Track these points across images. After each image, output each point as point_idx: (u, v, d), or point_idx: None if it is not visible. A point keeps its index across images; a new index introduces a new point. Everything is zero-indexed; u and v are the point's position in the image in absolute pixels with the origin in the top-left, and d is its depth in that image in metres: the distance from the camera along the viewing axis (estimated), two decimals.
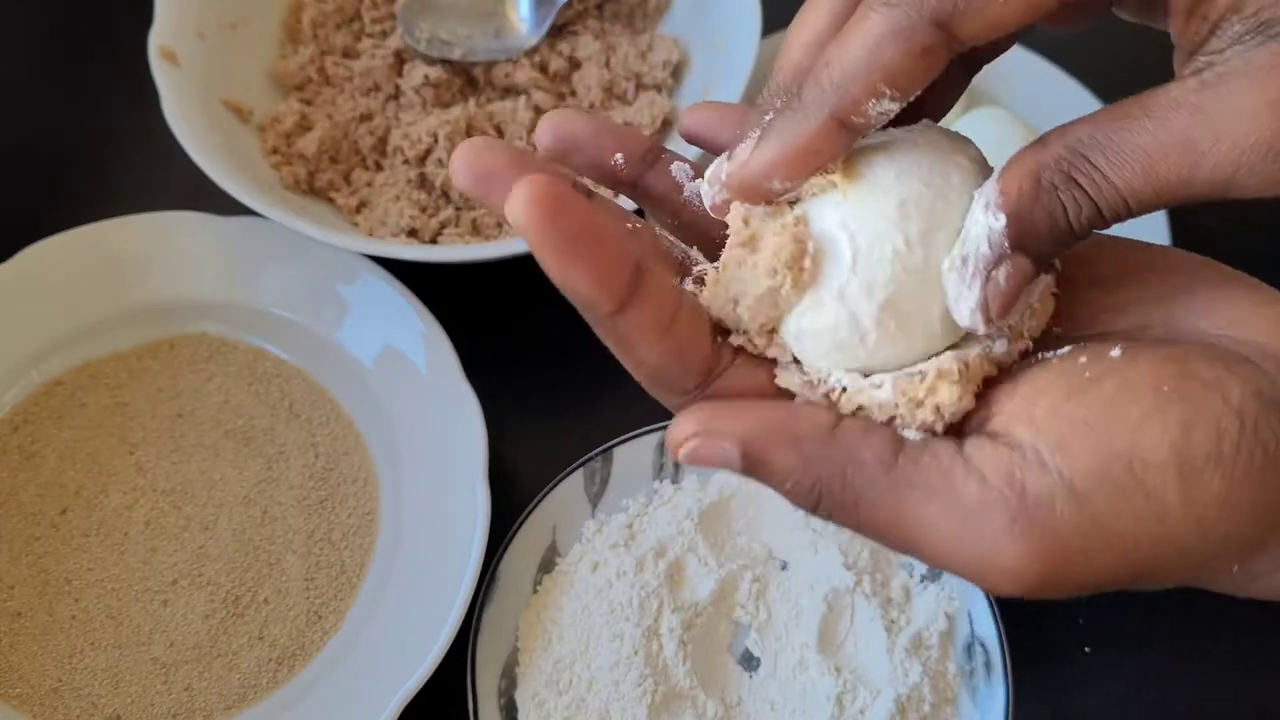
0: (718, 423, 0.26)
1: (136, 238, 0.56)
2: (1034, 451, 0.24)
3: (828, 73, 0.25)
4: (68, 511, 0.51)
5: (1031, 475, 0.24)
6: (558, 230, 0.24)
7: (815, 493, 0.25)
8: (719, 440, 0.26)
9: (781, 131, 0.26)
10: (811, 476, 0.25)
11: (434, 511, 0.50)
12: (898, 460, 0.25)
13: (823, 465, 0.25)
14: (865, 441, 0.25)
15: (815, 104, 0.26)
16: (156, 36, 0.56)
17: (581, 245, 0.24)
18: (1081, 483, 0.24)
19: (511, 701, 0.47)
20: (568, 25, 0.62)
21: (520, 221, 0.23)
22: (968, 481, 0.24)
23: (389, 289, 0.54)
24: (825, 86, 0.25)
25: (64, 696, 0.47)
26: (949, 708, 0.47)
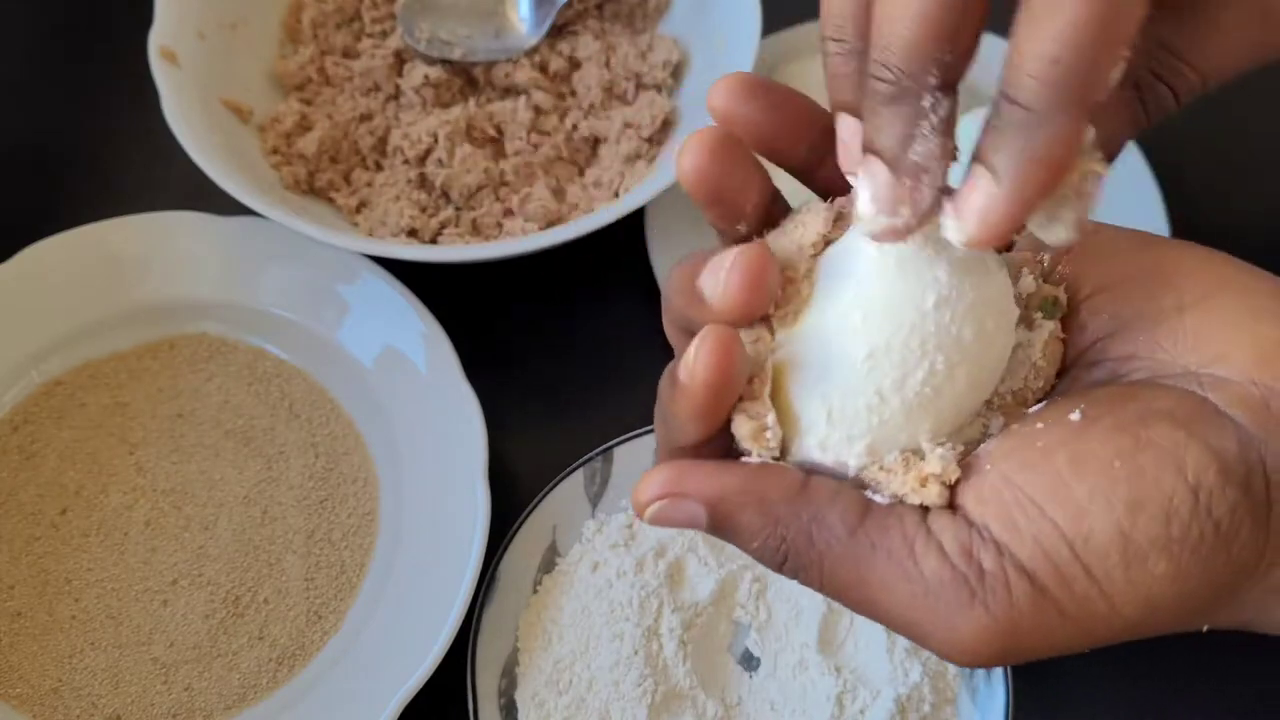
0: (684, 484, 0.26)
1: (136, 238, 0.56)
2: (986, 530, 0.24)
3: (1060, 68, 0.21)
4: (68, 511, 0.51)
5: (987, 555, 0.24)
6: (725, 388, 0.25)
7: (781, 552, 0.26)
8: (685, 502, 0.26)
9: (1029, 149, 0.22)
10: (778, 537, 0.26)
11: (434, 511, 0.50)
12: (863, 523, 0.25)
13: (789, 525, 0.25)
14: (832, 503, 0.26)
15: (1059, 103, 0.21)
16: (156, 36, 0.56)
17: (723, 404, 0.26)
18: (1029, 564, 0.24)
19: (511, 701, 0.47)
20: (568, 25, 0.62)
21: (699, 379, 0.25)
22: (928, 553, 0.25)
23: (389, 289, 0.54)
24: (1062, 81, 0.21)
25: (64, 696, 0.47)
26: (949, 708, 0.47)
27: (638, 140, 0.58)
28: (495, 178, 0.57)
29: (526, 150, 0.58)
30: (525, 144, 0.58)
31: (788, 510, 0.25)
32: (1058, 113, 0.21)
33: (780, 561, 0.26)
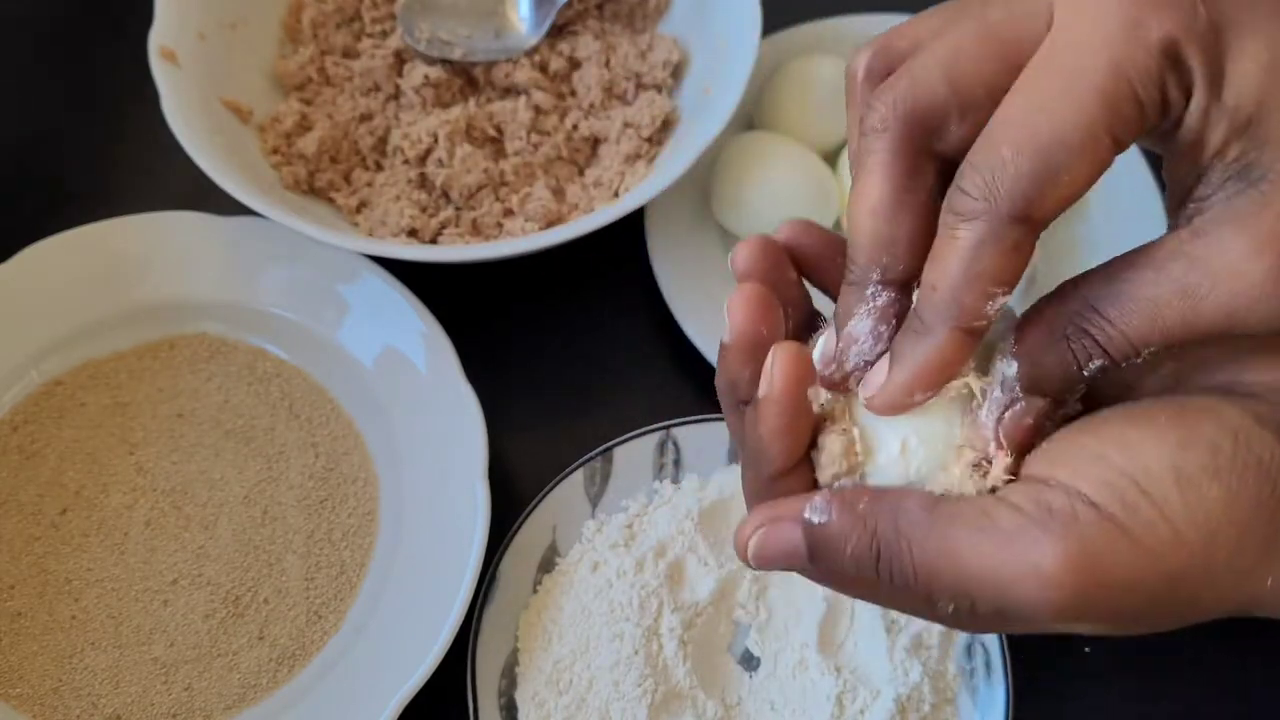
0: (777, 510, 0.30)
1: (136, 238, 0.56)
2: (1054, 480, 0.27)
3: (937, 294, 0.27)
4: (68, 511, 0.51)
5: (1056, 498, 0.27)
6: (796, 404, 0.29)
7: (875, 548, 0.28)
8: (781, 526, 0.29)
9: (913, 352, 0.28)
10: (869, 532, 0.28)
11: (434, 511, 0.50)
12: (938, 504, 0.28)
13: (874, 517, 0.28)
14: (906, 495, 0.28)
15: (937, 321, 0.27)
16: (156, 36, 0.56)
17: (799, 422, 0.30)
18: (1096, 496, 0.26)
19: (511, 701, 0.47)
20: (568, 25, 0.62)
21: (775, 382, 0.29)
22: (1001, 511, 0.27)
23: (389, 289, 0.54)
24: (939, 304, 0.27)
25: (64, 696, 0.47)
26: (949, 708, 0.47)
27: (638, 140, 0.58)
28: (495, 178, 0.57)
29: (526, 150, 0.58)
30: (525, 144, 0.58)
31: (870, 507, 0.28)
32: (937, 327, 0.27)
33: (875, 559, 0.28)
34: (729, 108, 0.54)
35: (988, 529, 0.27)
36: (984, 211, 0.26)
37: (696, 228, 0.59)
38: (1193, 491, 0.26)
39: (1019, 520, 0.26)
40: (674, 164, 0.54)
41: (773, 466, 0.30)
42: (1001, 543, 0.26)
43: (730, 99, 0.55)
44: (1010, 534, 0.26)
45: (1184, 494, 0.26)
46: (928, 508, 0.28)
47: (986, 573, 0.27)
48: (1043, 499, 0.27)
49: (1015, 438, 0.28)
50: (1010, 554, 0.26)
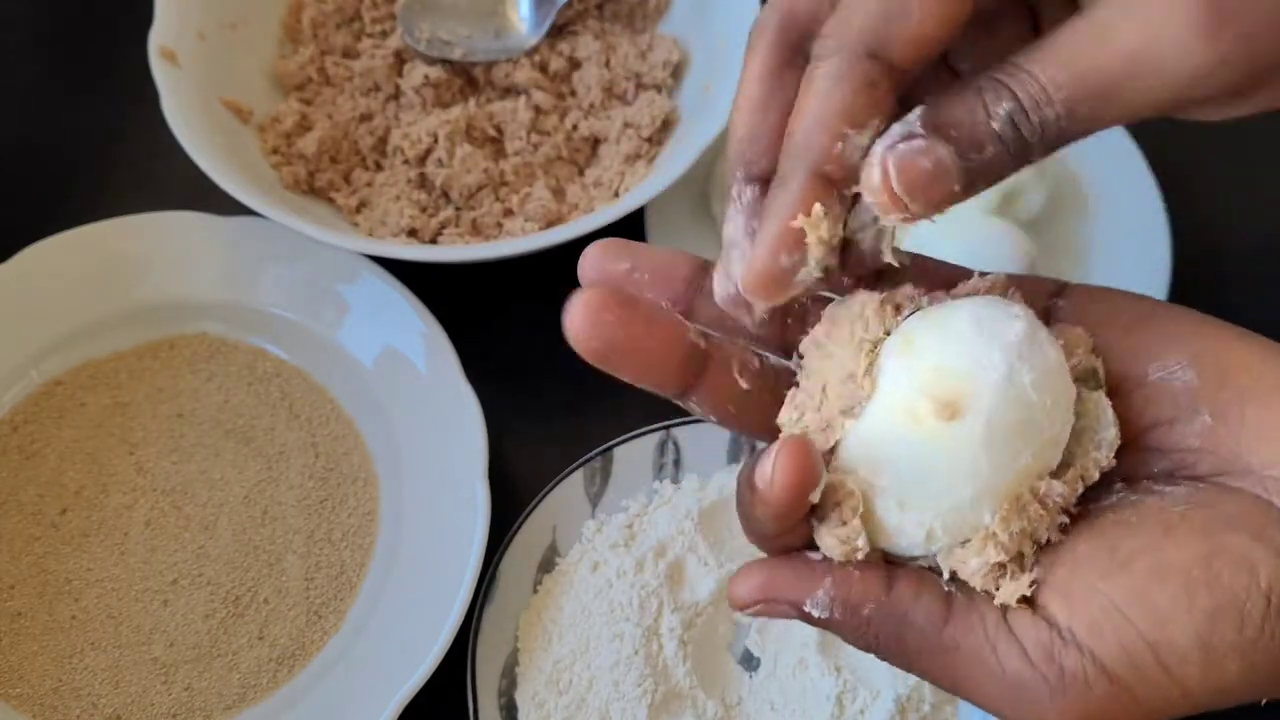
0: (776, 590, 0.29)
1: (136, 238, 0.56)
2: (1069, 633, 0.26)
3: (793, 139, 0.27)
4: (68, 511, 0.51)
5: (1069, 657, 0.26)
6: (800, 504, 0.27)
7: (873, 645, 0.28)
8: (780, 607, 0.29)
9: (771, 210, 0.27)
10: (871, 637, 0.28)
11: (434, 511, 0.50)
12: (947, 624, 0.27)
13: (879, 628, 0.28)
14: (917, 603, 0.27)
15: (792, 169, 0.27)
16: (156, 36, 0.56)
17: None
18: (1112, 665, 0.26)
19: (511, 701, 0.47)
20: (568, 25, 0.62)
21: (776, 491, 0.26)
22: (1009, 654, 0.26)
23: (389, 289, 0.54)
24: (793, 152, 0.27)
25: (64, 696, 0.47)
26: (949, 708, 0.47)
27: (638, 140, 0.58)
28: (495, 178, 0.57)
29: (526, 150, 0.58)
30: (525, 144, 0.58)
31: (876, 615, 0.28)
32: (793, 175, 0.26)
33: (870, 649, 0.28)
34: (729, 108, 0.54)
35: (995, 674, 0.26)
36: (836, 50, 0.26)
37: (696, 228, 0.59)
38: (1215, 669, 0.25)
39: (1027, 674, 0.26)
40: (674, 164, 0.54)
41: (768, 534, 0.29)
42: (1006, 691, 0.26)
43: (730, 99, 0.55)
44: (1017, 686, 0.26)
45: (1205, 671, 0.25)
46: (936, 628, 0.27)
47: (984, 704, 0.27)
48: (1055, 655, 0.26)
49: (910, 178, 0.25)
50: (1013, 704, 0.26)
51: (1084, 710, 0.26)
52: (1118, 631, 0.26)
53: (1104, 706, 0.26)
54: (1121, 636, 0.26)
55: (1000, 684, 0.26)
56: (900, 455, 0.27)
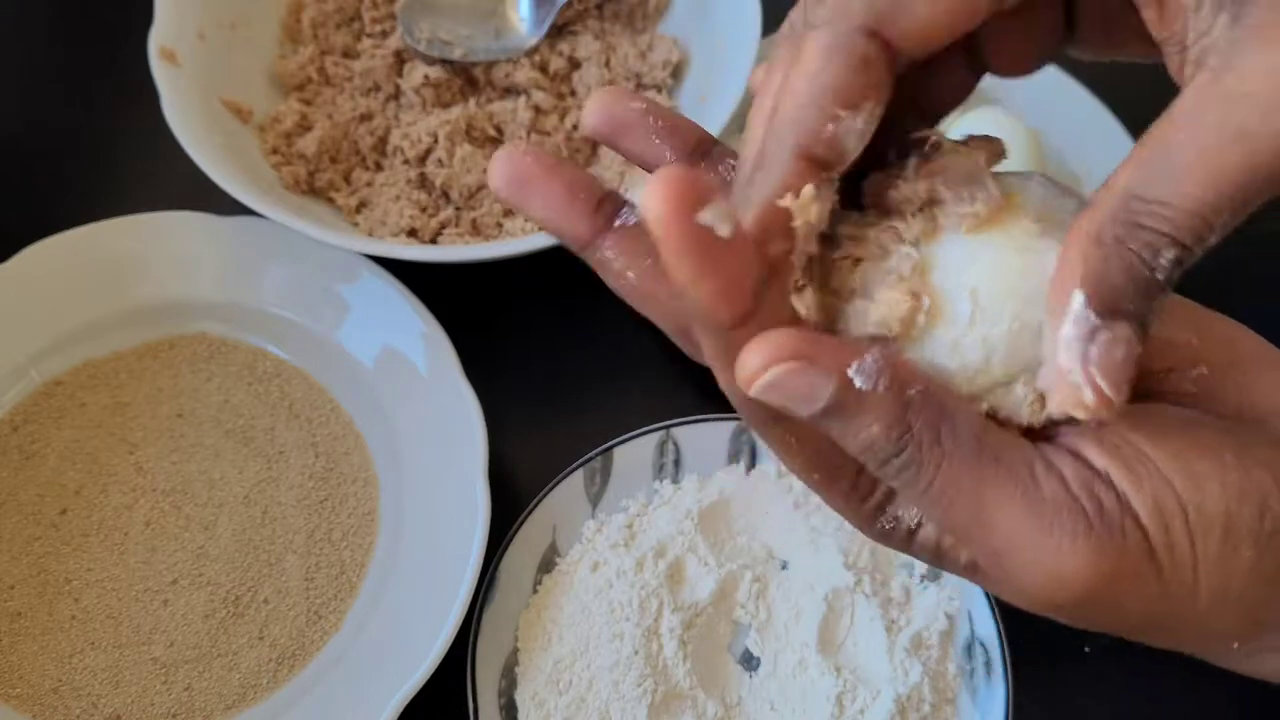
0: (814, 349, 0.24)
1: (136, 238, 0.56)
2: (1108, 477, 0.24)
3: (778, 116, 0.24)
4: (68, 511, 0.51)
5: (1108, 497, 0.24)
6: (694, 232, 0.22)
7: (901, 444, 0.24)
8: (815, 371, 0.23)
9: (755, 195, 0.24)
10: (905, 425, 0.24)
11: (434, 511, 0.50)
12: (988, 434, 0.24)
13: (920, 416, 0.24)
14: (960, 406, 0.25)
15: (776, 147, 0.24)
16: (156, 36, 0.56)
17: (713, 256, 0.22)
18: (1146, 517, 0.24)
19: (511, 701, 0.47)
20: (568, 25, 0.62)
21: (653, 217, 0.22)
22: (1049, 478, 0.24)
23: (389, 289, 0.54)
24: (778, 127, 0.24)
25: (64, 696, 0.47)
26: (949, 708, 0.47)
27: None
28: None
29: None
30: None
31: (921, 400, 0.24)
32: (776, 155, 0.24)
33: (893, 454, 0.24)
34: (728, 109, 0.54)
35: (1029, 495, 0.24)
36: (831, 19, 0.24)
37: None
38: (1231, 549, 0.24)
39: (1064, 500, 0.24)
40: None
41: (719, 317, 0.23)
42: (1037, 516, 0.24)
43: (729, 100, 0.55)
44: (1052, 511, 0.24)
45: (1223, 549, 0.24)
46: (978, 434, 0.24)
47: (1006, 532, 0.24)
48: (1095, 490, 0.24)
49: (1113, 375, 0.23)
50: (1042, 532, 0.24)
51: (1113, 556, 0.24)
52: (1153, 481, 0.24)
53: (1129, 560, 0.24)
54: (1156, 488, 0.24)
55: (1032, 506, 0.24)
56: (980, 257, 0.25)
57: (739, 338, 0.24)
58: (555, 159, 0.27)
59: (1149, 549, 0.24)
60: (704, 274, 0.22)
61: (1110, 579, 0.24)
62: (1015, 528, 0.24)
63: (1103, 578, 0.24)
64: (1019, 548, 0.24)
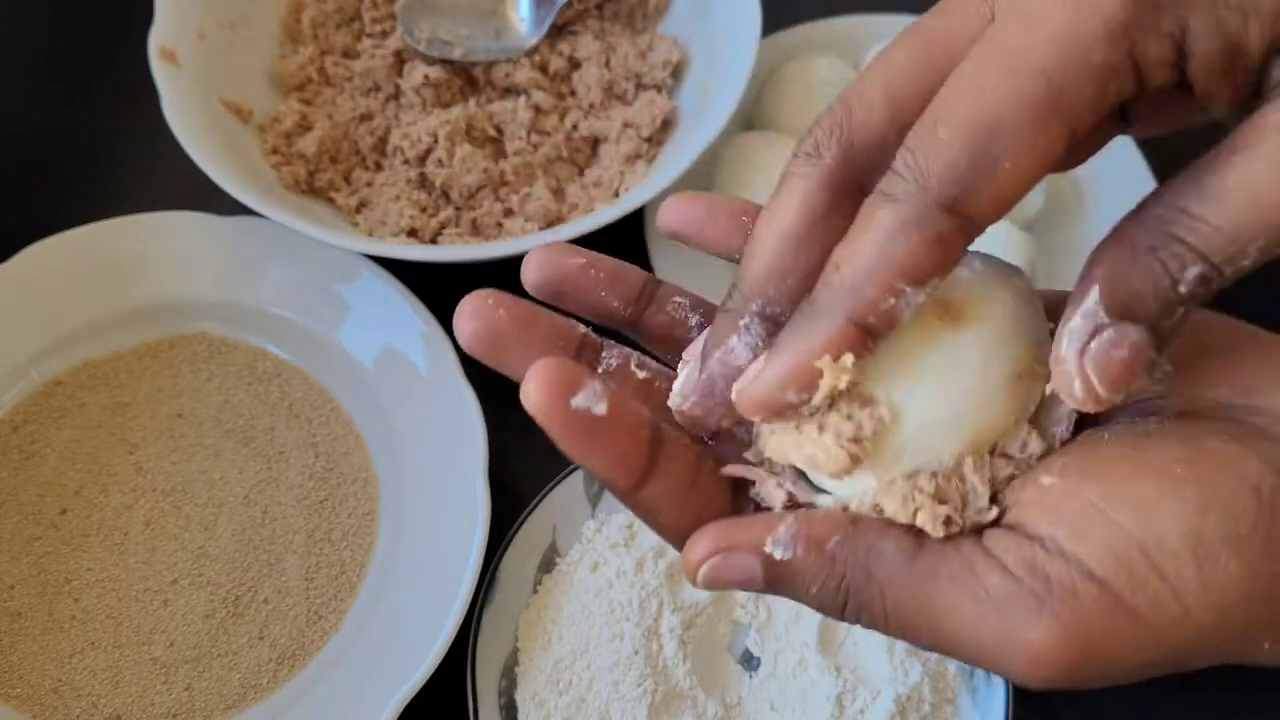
0: (735, 537, 0.26)
1: (136, 238, 0.56)
2: (1053, 541, 0.24)
3: (838, 275, 0.24)
4: (68, 511, 0.51)
5: (1054, 565, 0.24)
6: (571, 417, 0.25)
7: (843, 592, 0.25)
8: (739, 555, 0.25)
9: (795, 341, 0.24)
10: (837, 576, 0.25)
11: (434, 511, 0.50)
12: (919, 552, 0.25)
13: (847, 562, 0.25)
14: (885, 535, 0.25)
15: (829, 309, 0.24)
16: (156, 36, 0.56)
17: (596, 434, 0.25)
18: (1099, 569, 0.24)
19: (511, 701, 0.47)
20: (568, 25, 0.62)
21: (533, 409, 0.25)
22: (990, 572, 0.24)
23: (389, 289, 0.54)
24: (837, 289, 0.24)
25: (64, 696, 0.47)
26: (949, 708, 0.47)
27: (638, 140, 0.58)
28: (495, 178, 0.57)
29: (526, 150, 0.58)
30: (525, 144, 0.58)
31: (842, 548, 0.25)
32: (829, 313, 0.24)
33: (841, 605, 0.25)
34: (729, 108, 0.54)
35: (976, 594, 0.24)
36: (910, 194, 0.23)
37: None
38: (1210, 566, 0.23)
39: (1011, 588, 0.24)
40: (674, 164, 0.54)
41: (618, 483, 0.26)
42: (989, 612, 0.24)
43: (730, 99, 0.55)
44: (1001, 603, 0.24)
45: (1200, 569, 0.23)
46: (907, 556, 0.25)
47: (968, 637, 0.24)
48: (1039, 565, 0.24)
49: (1110, 374, 0.23)
50: (999, 626, 0.24)
51: (1075, 623, 0.23)
52: (1101, 531, 0.24)
53: (1096, 619, 0.23)
54: (1106, 535, 0.23)
55: (982, 608, 0.24)
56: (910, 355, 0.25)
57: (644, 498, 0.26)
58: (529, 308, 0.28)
59: (1114, 598, 0.23)
60: (590, 451, 0.25)
61: (1083, 642, 0.24)
62: (974, 630, 0.24)
63: (1073, 642, 0.24)
64: (986, 647, 0.24)
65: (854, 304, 0.24)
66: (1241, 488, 0.24)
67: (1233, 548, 0.23)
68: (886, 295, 0.24)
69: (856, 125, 0.26)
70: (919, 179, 0.23)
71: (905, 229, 0.23)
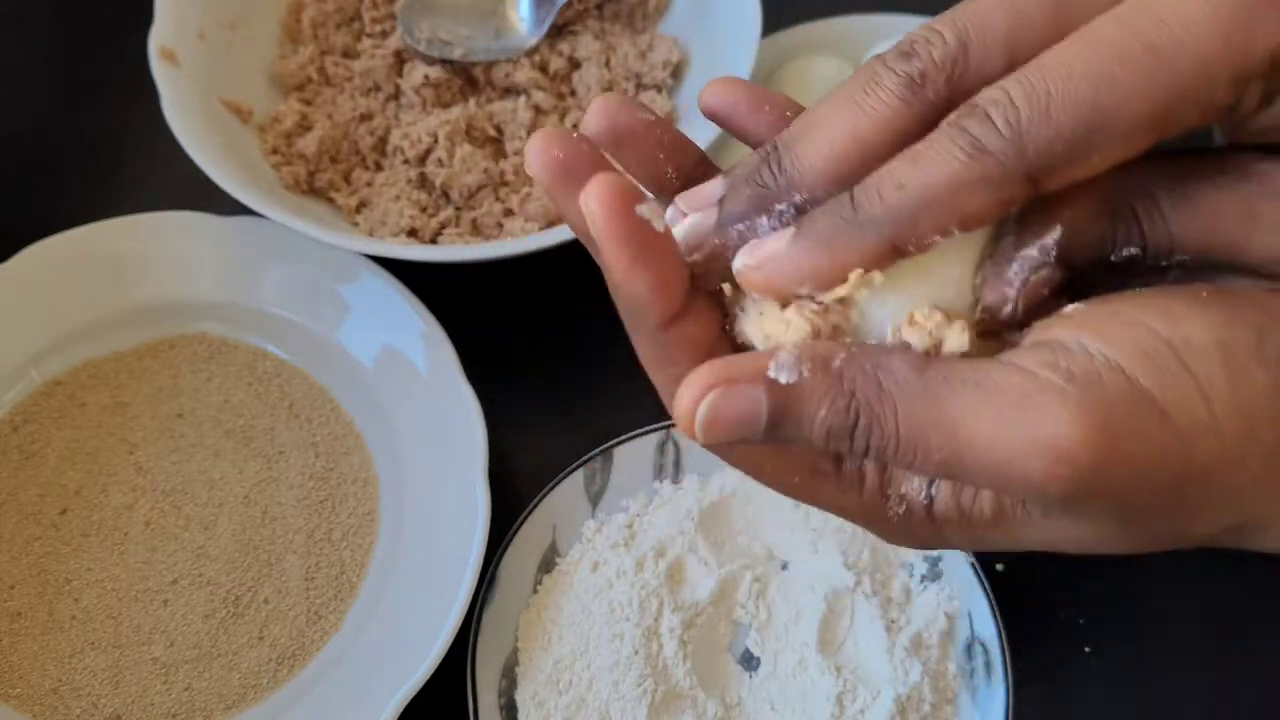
0: (735, 369, 0.24)
1: (136, 238, 0.56)
2: (1076, 344, 0.23)
3: (898, 196, 0.24)
4: (68, 511, 0.51)
5: (1078, 361, 0.23)
6: (633, 224, 0.24)
7: (853, 411, 0.24)
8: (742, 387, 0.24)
9: (829, 238, 0.24)
10: (846, 394, 0.24)
11: (434, 511, 0.50)
12: (929, 364, 0.24)
13: (855, 377, 0.24)
14: (890, 351, 0.25)
15: (875, 222, 0.24)
16: (156, 36, 0.56)
17: (650, 249, 0.24)
18: (1128, 363, 0.23)
19: (511, 701, 0.47)
20: (568, 25, 0.62)
21: (595, 211, 0.23)
22: (1006, 374, 0.23)
23: (389, 289, 0.54)
24: (893, 209, 0.24)
25: (64, 696, 0.47)
26: (949, 708, 0.47)
27: None
28: (495, 178, 0.57)
29: None
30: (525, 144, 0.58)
31: (849, 364, 0.24)
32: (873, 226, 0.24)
33: (853, 424, 0.24)
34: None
35: (991, 392, 0.23)
36: (1004, 154, 0.23)
37: None
38: (1239, 373, 0.23)
39: (1029, 384, 0.23)
40: None
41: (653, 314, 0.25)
42: (1008, 408, 0.23)
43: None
44: (1019, 399, 0.23)
45: (1230, 374, 0.22)
46: (917, 367, 0.24)
47: (985, 442, 0.23)
48: (1060, 363, 0.23)
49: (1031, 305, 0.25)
50: (1019, 421, 0.23)
51: (1102, 414, 0.22)
52: (1130, 331, 0.23)
53: (1123, 411, 0.22)
54: (1134, 335, 0.23)
55: (1000, 402, 0.23)
56: None
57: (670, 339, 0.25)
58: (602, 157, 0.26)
59: (1141, 392, 0.23)
60: (640, 264, 0.24)
61: (1107, 434, 0.22)
62: (994, 434, 0.23)
63: (1098, 435, 0.22)
64: (1008, 450, 0.23)
65: (903, 229, 0.24)
66: (1265, 314, 0.23)
67: (1259, 361, 0.23)
68: (936, 233, 0.24)
69: (972, 69, 0.24)
70: (1016, 142, 0.23)
71: (985, 184, 0.23)
